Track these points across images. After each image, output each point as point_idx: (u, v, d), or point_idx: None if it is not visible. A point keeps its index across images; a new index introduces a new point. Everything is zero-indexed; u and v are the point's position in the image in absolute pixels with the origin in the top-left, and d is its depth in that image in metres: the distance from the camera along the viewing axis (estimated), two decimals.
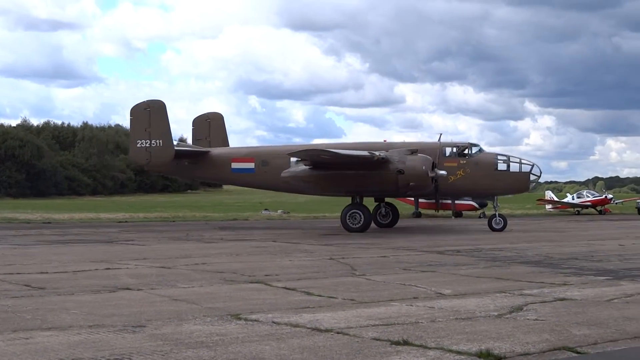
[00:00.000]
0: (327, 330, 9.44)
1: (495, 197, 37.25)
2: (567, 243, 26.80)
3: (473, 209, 53.03)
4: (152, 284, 14.24)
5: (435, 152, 34.24)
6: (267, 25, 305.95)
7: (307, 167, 33.46)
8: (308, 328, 9.61)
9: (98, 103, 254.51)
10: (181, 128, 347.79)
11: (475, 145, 35.93)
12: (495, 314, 10.87)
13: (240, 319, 10.32)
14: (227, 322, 10.08)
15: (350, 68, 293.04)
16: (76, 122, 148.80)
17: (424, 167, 32.28)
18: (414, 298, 12.54)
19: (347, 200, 35.05)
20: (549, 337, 9.08)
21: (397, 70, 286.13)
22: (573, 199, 65.10)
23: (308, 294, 13.01)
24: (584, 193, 66.77)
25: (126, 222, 41.95)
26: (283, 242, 26.46)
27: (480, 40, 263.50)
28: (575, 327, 9.79)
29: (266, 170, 36.70)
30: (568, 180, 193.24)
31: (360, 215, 33.15)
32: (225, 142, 40.58)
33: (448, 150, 35.22)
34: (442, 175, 33.38)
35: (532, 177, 35.80)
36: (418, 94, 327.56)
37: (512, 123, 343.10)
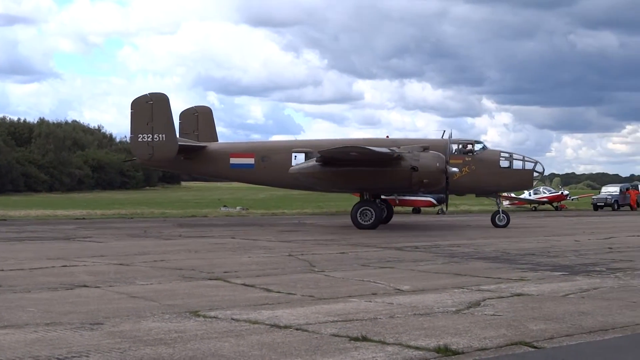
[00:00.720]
0: (286, 327, 9.45)
1: (498, 195, 37.71)
2: (524, 239, 27.04)
3: (431, 205, 53.24)
4: (110, 281, 14.14)
5: (444, 149, 34.16)
6: (225, 21, 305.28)
7: (318, 163, 33.02)
8: (267, 324, 9.61)
9: (54, 99, 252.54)
10: None
11: (479, 142, 36.31)
12: (453, 309, 10.95)
13: (199, 315, 10.30)
14: (186, 319, 10.05)
15: (309, 64, 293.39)
16: (32, 118, 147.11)
17: (437, 164, 32.14)
18: (373, 294, 12.59)
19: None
20: (506, 332, 9.16)
21: (355, 66, 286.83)
22: (530, 195, 65.63)
23: (267, 290, 13.01)
24: (541, 189, 67.33)
25: (83, 219, 41.57)
26: (242, 238, 26.41)
27: (438, 37, 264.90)
28: (531, 322, 9.90)
29: (266, 166, 36.20)
30: None
31: (372, 212, 32.85)
32: (213, 137, 39.78)
33: (454, 147, 35.39)
34: (453, 172, 33.45)
35: (535, 175, 36.33)
36: (377, 91, 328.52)
37: (469, 120, 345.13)
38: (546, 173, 43.26)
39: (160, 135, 34.90)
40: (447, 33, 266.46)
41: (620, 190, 66.27)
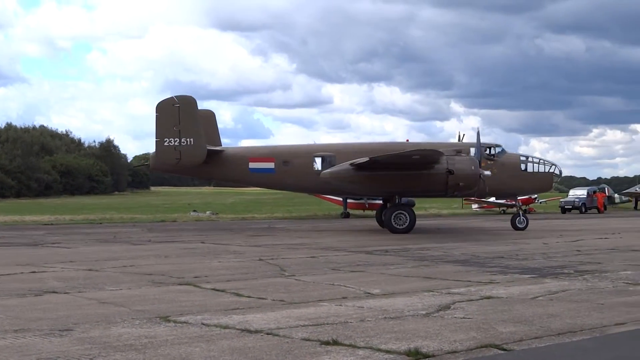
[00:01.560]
0: (256, 331, 9.44)
1: (517, 197, 38.11)
2: (493, 242, 27.19)
3: None
4: (79, 287, 14.06)
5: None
6: (194, 25, 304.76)
7: (351, 167, 33.00)
8: (238, 329, 9.60)
9: (22, 104, 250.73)
10: (107, 129, 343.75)
11: (498, 145, 36.51)
12: (424, 312, 10.99)
13: (169, 321, 10.27)
14: (156, 324, 10.02)
15: (278, 68, 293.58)
16: None
17: (473, 168, 32.46)
18: (343, 298, 12.62)
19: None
20: (475, 335, 9.21)
21: (324, 70, 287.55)
22: (498, 199, 66.01)
23: (237, 295, 12.99)
24: None
25: (52, 224, 41.31)
26: (212, 243, 26.34)
27: (406, 41, 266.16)
28: (501, 324, 9.96)
29: (287, 170, 35.63)
30: None
31: (406, 216, 32.75)
32: (217, 141, 38.09)
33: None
34: (487, 175, 33.53)
35: (554, 178, 36.98)
36: (345, 95, 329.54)
37: (438, 123, 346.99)
38: None
39: (188, 140, 33.96)
40: (415, 37, 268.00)
41: (588, 193, 66.80)
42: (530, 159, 36.24)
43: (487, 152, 35.57)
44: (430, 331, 9.47)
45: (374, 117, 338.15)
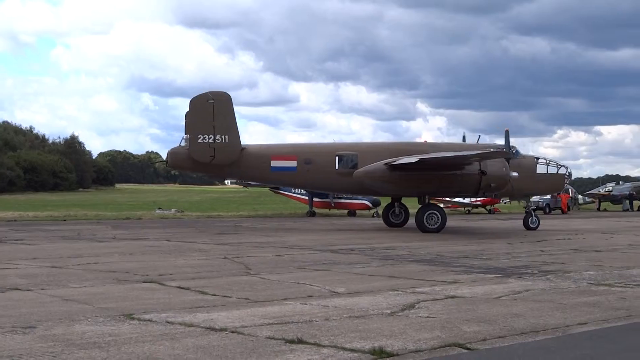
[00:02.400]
0: (221, 330, 9.43)
1: (529, 198, 38.81)
2: (458, 242, 27.32)
3: (367, 208, 53.51)
4: (43, 284, 13.95)
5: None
6: (160, 21, 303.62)
7: (386, 167, 33.09)
8: (202, 327, 9.58)
9: None
10: (72, 125, 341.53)
11: (512, 147, 36.57)
12: (388, 311, 11.03)
13: (133, 318, 10.22)
14: (120, 322, 9.97)
15: (244, 66, 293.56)
16: None
17: (504, 169, 32.94)
18: (309, 297, 12.63)
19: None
20: (440, 334, 9.26)
21: (291, 69, 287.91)
22: (464, 199, 66.34)
23: (202, 293, 12.96)
24: None
25: (15, 221, 40.95)
26: (177, 241, 26.24)
27: (373, 40, 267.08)
28: (465, 323, 10.02)
29: (309, 169, 35.01)
30: None
31: (438, 216, 32.83)
32: None
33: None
34: (514, 177, 33.77)
35: (565, 178, 37.59)
36: (312, 93, 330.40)
37: (404, 123, 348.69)
38: None
39: (223, 137, 33.17)
40: (382, 37, 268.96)
41: (552, 194, 67.27)
42: (543, 161, 36.74)
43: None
44: (395, 330, 9.50)
45: (341, 116, 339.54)
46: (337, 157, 35.20)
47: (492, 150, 33.07)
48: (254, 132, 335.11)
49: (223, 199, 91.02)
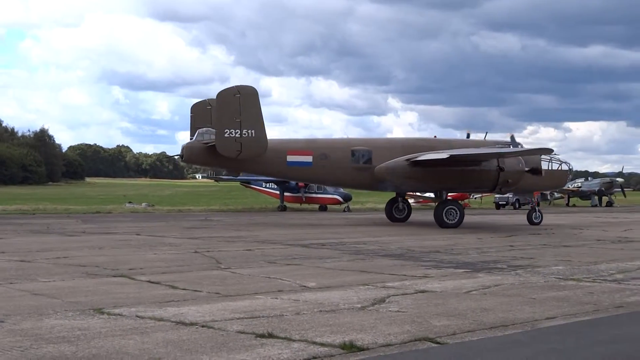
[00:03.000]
0: (191, 324, 9.41)
1: (535, 193, 39.31)
2: (428, 237, 27.43)
3: (338, 202, 53.59)
4: (11, 278, 13.86)
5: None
6: (131, 14, 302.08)
7: (407, 162, 33.36)
8: (172, 322, 9.56)
9: None
10: (41, 118, 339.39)
11: (519, 144, 37.38)
12: (359, 306, 11.05)
13: (103, 313, 10.17)
14: (90, 316, 9.92)
15: (216, 60, 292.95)
16: None
17: (520, 165, 33.78)
18: (279, 291, 12.63)
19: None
20: (410, 329, 9.30)
21: (262, 63, 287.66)
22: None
23: (173, 287, 12.92)
24: None
25: None
26: (147, 235, 26.14)
27: (344, 36, 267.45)
28: (435, 318, 10.06)
29: (325, 164, 34.96)
30: None
31: (456, 212, 33.49)
32: None
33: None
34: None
35: (569, 174, 38.85)
36: (284, 88, 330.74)
37: (375, 118, 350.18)
38: None
39: (249, 131, 32.47)
40: (353, 32, 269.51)
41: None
42: (547, 157, 37.33)
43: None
44: (365, 324, 9.53)
45: (312, 110, 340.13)
46: (351, 152, 35.36)
47: (535, 148, 34.41)
48: None
49: (194, 193, 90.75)
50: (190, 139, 35.07)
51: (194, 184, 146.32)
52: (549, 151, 33.59)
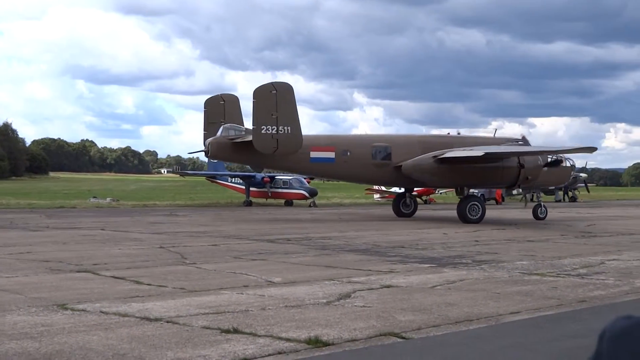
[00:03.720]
0: (156, 320, 9.37)
1: (538, 189, 40.12)
2: (394, 232, 27.50)
3: (304, 197, 53.57)
4: None
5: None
6: (95, 7, 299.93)
7: (433, 159, 33.88)
8: (137, 317, 9.51)
9: None
10: (4, 112, 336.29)
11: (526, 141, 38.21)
12: (324, 301, 11.07)
13: (66, 309, 10.10)
14: (53, 312, 9.85)
15: (181, 54, 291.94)
16: None
17: (539, 162, 34.58)
18: (245, 286, 12.61)
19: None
20: (375, 324, 9.32)
21: (228, 58, 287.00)
22: (400, 189, 66.75)
23: (137, 283, 12.86)
24: None
25: None
26: (112, 230, 25.98)
27: (310, 30, 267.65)
28: (400, 313, 10.10)
29: (347, 160, 34.96)
30: None
31: (479, 207, 34.31)
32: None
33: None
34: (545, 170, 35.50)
35: (572, 171, 40.02)
36: (249, 83, 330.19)
37: (341, 113, 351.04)
38: None
39: (285, 128, 32.37)
40: (319, 27, 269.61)
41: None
42: (555, 155, 37.94)
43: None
44: (331, 320, 9.54)
45: None
46: (372, 149, 35.63)
47: (577, 147, 34.89)
48: (189, 120, 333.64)
49: (159, 188, 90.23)
50: (204, 133, 35.43)
51: (159, 178, 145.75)
52: (592, 150, 34.22)
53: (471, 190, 65.99)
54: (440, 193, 71.55)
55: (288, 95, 32.91)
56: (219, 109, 36.60)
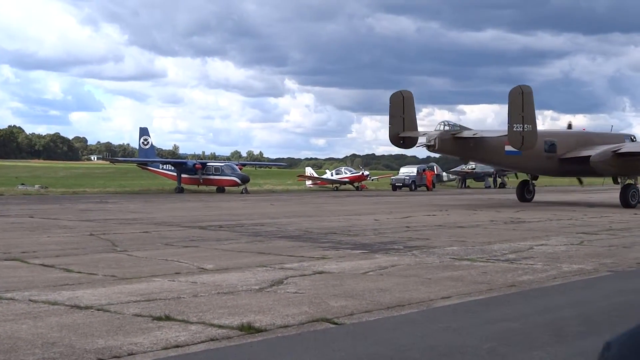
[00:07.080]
0: (87, 307, 9.26)
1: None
2: (326, 218, 27.58)
3: (235, 184, 53.44)
4: None
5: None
6: None
7: (612, 153, 36.92)
8: (67, 305, 9.39)
9: None
10: None
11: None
12: (257, 287, 11.06)
13: None
14: None
15: (109, 39, 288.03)
16: None
17: None
18: (177, 273, 12.54)
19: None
20: (308, 310, 9.34)
21: (157, 43, 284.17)
22: (332, 176, 67.03)
23: (67, 270, 12.70)
24: (342, 170, 68.87)
25: None
26: (41, 217, 25.61)
27: (240, 15, 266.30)
28: (332, 299, 10.13)
29: (529, 153, 37.70)
30: (327, 157, 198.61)
31: (638, 193, 37.74)
32: (413, 120, 39.52)
33: None
34: None
35: None
36: (179, 68, 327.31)
37: (272, 100, 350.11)
38: (347, 154, 45.03)
39: (528, 126, 35.47)
40: (249, 11, 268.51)
41: (417, 171, 68.49)
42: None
43: None
44: (263, 306, 9.54)
45: (209, 92, 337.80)
46: (544, 142, 38.78)
47: None
48: (119, 107, 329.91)
49: (89, 175, 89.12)
50: (390, 125, 38.75)
51: (89, 165, 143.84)
52: None
53: (400, 175, 66.99)
54: (372, 179, 72.06)
55: (530, 97, 36.21)
56: (400, 102, 39.11)
